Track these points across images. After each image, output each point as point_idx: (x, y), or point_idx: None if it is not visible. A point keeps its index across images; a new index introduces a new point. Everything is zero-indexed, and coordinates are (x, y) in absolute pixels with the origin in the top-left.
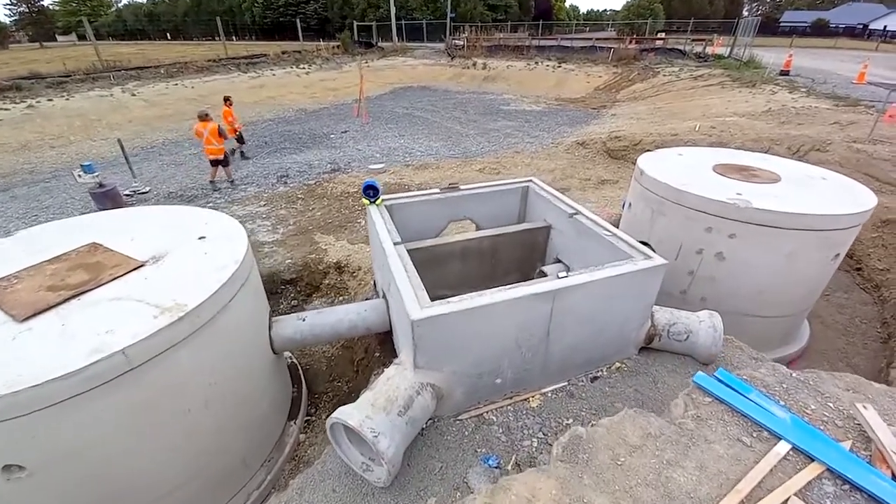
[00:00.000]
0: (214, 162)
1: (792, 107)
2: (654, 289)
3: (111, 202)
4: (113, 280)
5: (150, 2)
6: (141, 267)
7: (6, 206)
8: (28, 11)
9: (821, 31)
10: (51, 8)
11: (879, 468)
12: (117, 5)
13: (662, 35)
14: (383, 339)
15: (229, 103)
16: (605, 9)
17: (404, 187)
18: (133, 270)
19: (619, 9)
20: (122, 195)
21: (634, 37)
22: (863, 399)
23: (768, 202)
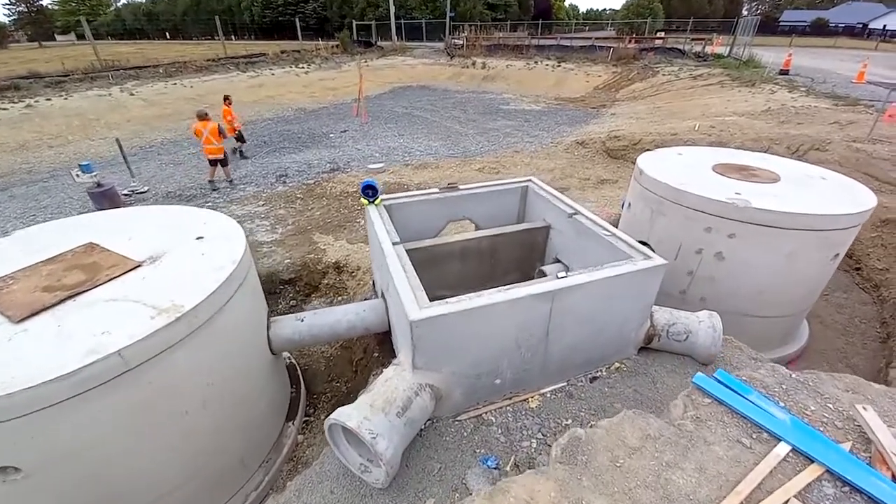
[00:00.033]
0: (213, 161)
1: (791, 106)
2: (654, 289)
3: (109, 202)
4: (109, 280)
5: (148, 1)
6: (138, 267)
7: (4, 205)
8: (27, 11)
9: (820, 30)
10: (50, 7)
11: (879, 470)
12: (116, 5)
13: (662, 34)
14: (382, 340)
15: (229, 102)
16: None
17: (403, 187)
18: (130, 271)
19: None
20: (121, 195)
21: (634, 36)
22: (862, 400)
23: (768, 202)
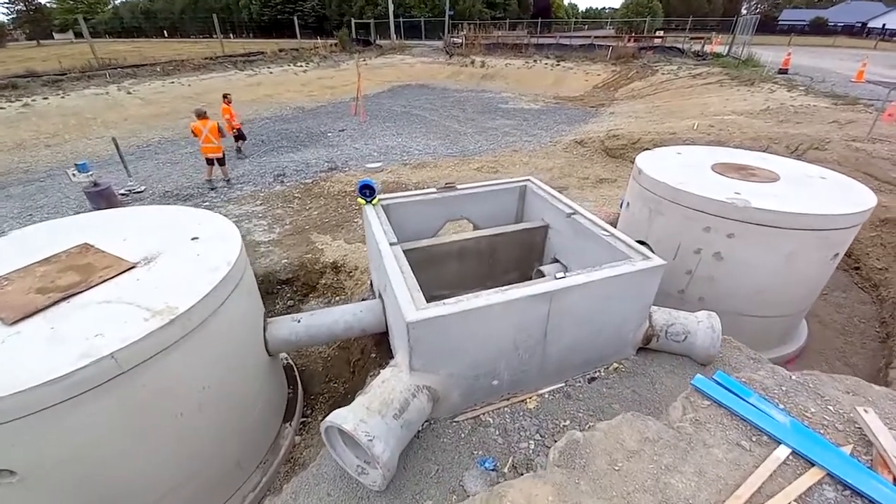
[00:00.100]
0: (210, 161)
1: (790, 105)
2: (653, 289)
3: (106, 201)
4: (103, 282)
5: None
6: (132, 268)
7: (1, 205)
8: (25, 9)
9: (819, 29)
10: (48, 6)
11: (881, 473)
12: (114, 3)
13: (661, 33)
14: (379, 340)
15: (228, 101)
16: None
17: (402, 186)
18: (124, 272)
19: (617, 7)
20: (118, 194)
21: (633, 35)
22: (863, 402)
23: (767, 202)
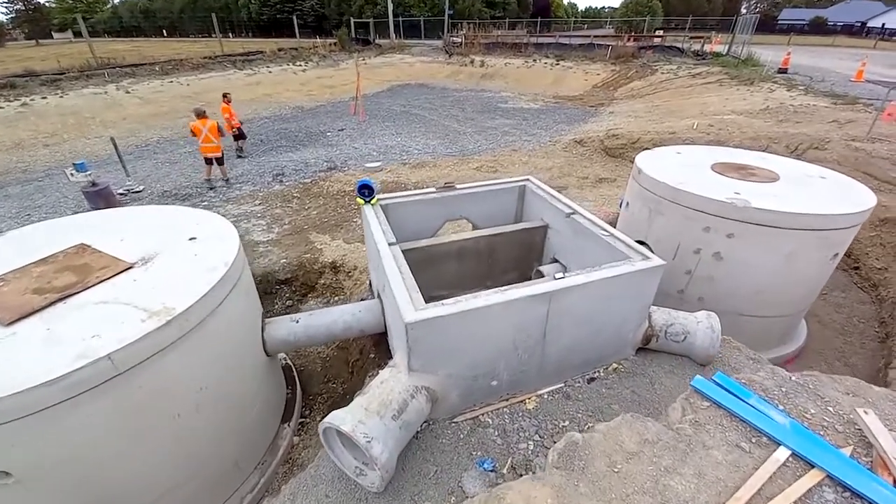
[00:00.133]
0: (209, 160)
1: (790, 105)
2: (652, 289)
3: (104, 201)
4: (100, 283)
5: None
6: (129, 269)
7: None
8: (24, 9)
9: (819, 28)
10: (47, 5)
11: (881, 475)
12: (113, 2)
13: (660, 33)
14: (378, 341)
15: (228, 100)
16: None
17: (401, 186)
18: (121, 272)
19: (617, 6)
20: (116, 194)
21: (632, 34)
22: (863, 403)
23: (767, 202)
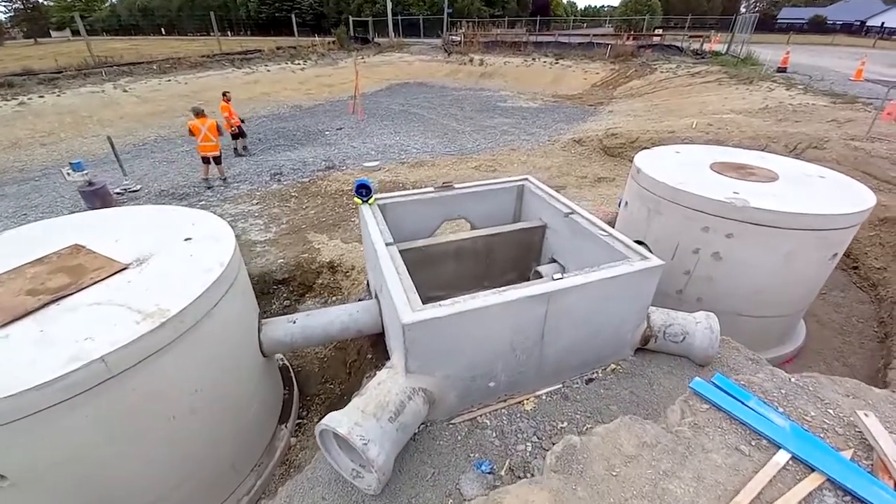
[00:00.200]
0: (207, 159)
1: (789, 104)
2: (651, 290)
3: (100, 201)
4: (94, 284)
5: None
6: (124, 270)
7: None
8: (23, 7)
9: (818, 27)
10: (45, 4)
11: (881, 478)
12: (111, 1)
13: (660, 32)
14: (376, 341)
15: (227, 99)
16: (602, 5)
17: (399, 185)
18: (116, 273)
19: (616, 5)
20: (113, 193)
21: (632, 33)
22: (863, 405)
23: (766, 201)
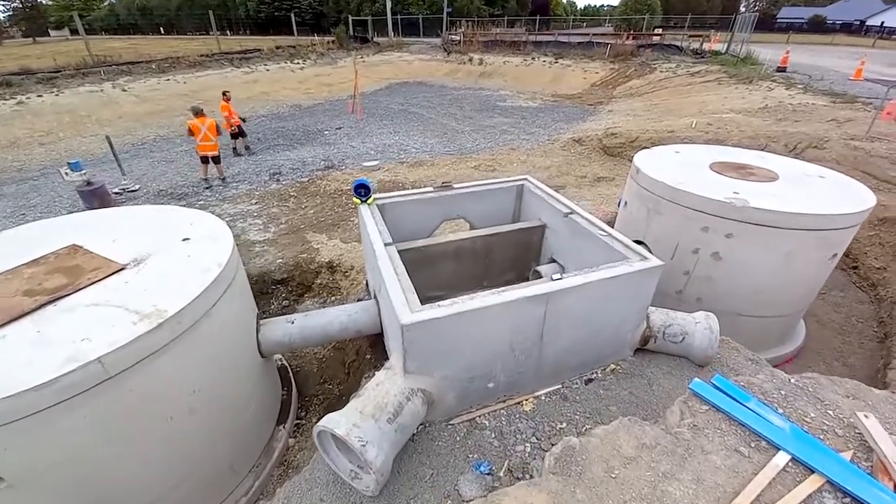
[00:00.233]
0: (205, 159)
1: (789, 103)
2: (650, 290)
3: (99, 201)
4: (92, 284)
5: None
6: (121, 270)
7: None
8: (21, 7)
9: (818, 27)
10: (44, 3)
11: (881, 480)
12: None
13: (659, 31)
14: (374, 342)
15: (227, 98)
16: (602, 4)
17: (398, 185)
18: (113, 274)
19: (616, 4)
20: (111, 193)
21: (631, 33)
22: (863, 406)
23: (766, 201)
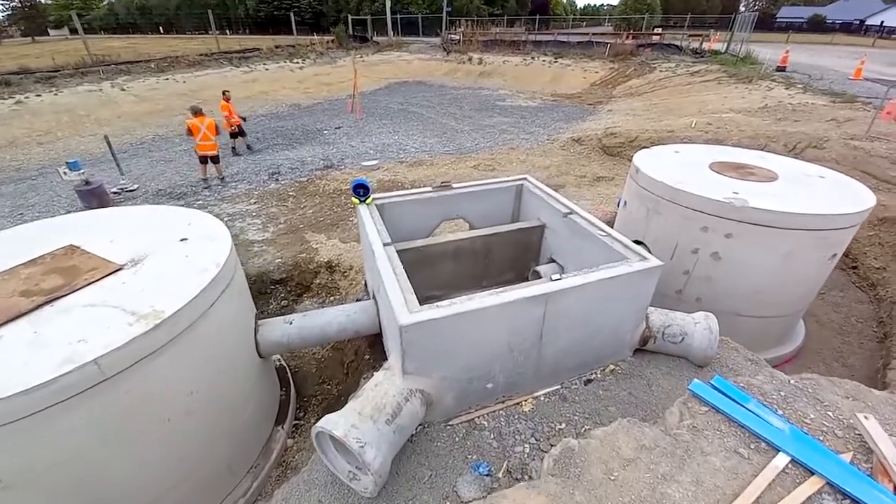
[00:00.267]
0: (204, 159)
1: (788, 103)
2: (650, 291)
3: (97, 200)
4: (88, 285)
5: None
6: (119, 271)
7: None
8: (20, 6)
9: (817, 26)
10: (43, 2)
11: (881, 482)
12: None
13: (659, 30)
14: (373, 342)
15: (227, 97)
16: (601, 4)
17: (398, 184)
18: (110, 274)
19: (615, 4)
20: (110, 193)
21: (631, 32)
22: (863, 408)
23: (766, 201)
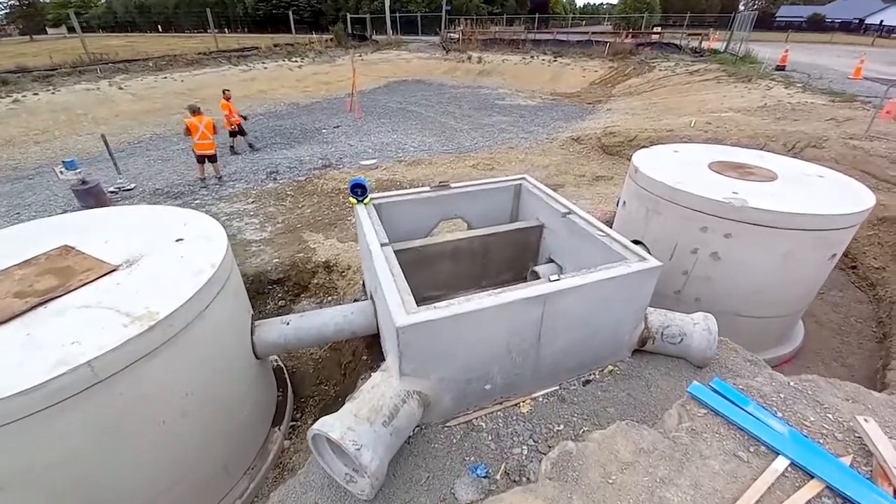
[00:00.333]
0: (202, 158)
1: (788, 102)
2: (648, 291)
3: (94, 200)
4: (83, 286)
5: None
6: (113, 271)
7: None
8: (18, 4)
9: (817, 25)
10: (41, 1)
11: (881, 485)
12: None
13: (658, 30)
14: (371, 342)
15: (227, 96)
16: (601, 2)
17: (396, 183)
18: (105, 275)
19: (615, 3)
20: (107, 192)
21: (630, 31)
22: (863, 410)
23: (765, 201)
